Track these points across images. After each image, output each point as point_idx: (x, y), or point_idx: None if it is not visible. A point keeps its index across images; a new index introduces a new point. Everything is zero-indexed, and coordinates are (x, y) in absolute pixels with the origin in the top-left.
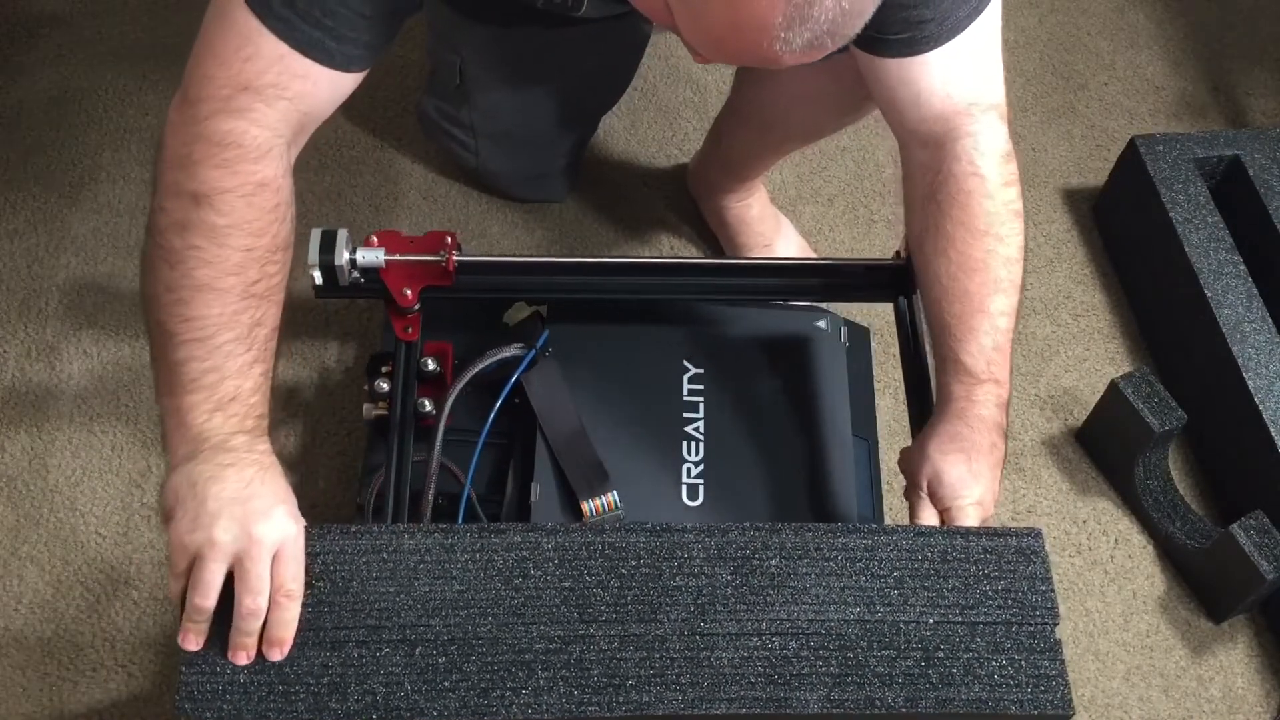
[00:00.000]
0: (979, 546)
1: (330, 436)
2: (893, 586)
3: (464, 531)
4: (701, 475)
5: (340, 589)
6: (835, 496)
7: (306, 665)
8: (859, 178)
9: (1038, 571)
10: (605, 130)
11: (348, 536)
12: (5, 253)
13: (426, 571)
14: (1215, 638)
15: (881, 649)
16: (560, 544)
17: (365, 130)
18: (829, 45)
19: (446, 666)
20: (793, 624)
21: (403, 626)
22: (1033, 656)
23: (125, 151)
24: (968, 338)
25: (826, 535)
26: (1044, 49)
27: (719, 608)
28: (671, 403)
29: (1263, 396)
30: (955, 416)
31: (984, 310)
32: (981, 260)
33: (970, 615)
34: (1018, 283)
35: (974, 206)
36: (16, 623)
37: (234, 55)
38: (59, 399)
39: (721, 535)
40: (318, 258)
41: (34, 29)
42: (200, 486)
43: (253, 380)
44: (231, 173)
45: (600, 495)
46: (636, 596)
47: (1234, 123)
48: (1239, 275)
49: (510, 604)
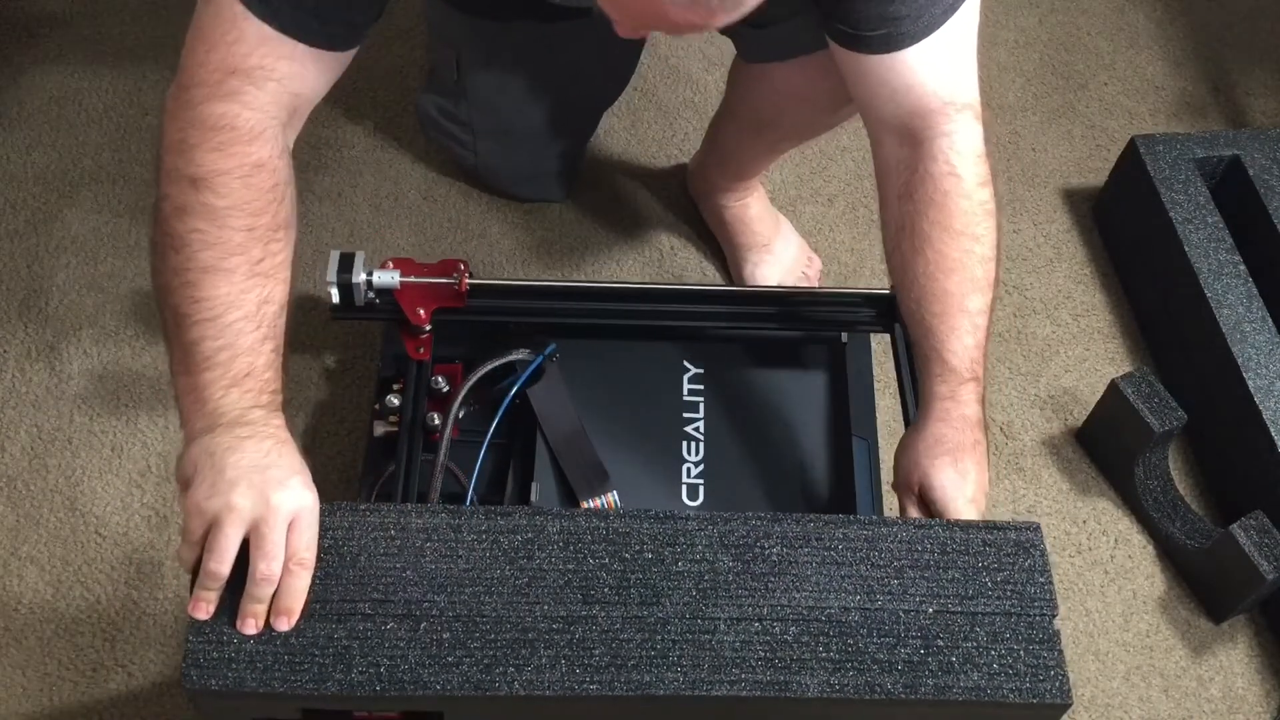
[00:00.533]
0: (978, 539)
1: (330, 437)
2: (893, 576)
3: (471, 513)
4: (701, 475)
5: (348, 563)
6: (835, 496)
7: (312, 636)
8: (859, 178)
9: (1036, 564)
10: (605, 130)
11: (356, 514)
12: (5, 253)
13: (433, 549)
14: (1215, 638)
15: (881, 636)
16: (565, 527)
17: (365, 130)
18: (715, 7)
19: (451, 642)
20: (793, 610)
21: (408, 601)
22: (1031, 646)
23: (125, 151)
24: (950, 337)
25: (827, 525)
26: (1044, 49)
27: (720, 593)
28: (671, 403)
29: (1263, 396)
30: (939, 418)
31: (964, 309)
32: (959, 260)
33: (969, 605)
34: (993, 280)
35: (951, 206)
36: (16, 623)
37: (220, 39)
38: (59, 399)
39: (724, 523)
40: (335, 276)
41: (34, 29)
42: (219, 456)
43: (265, 357)
44: (227, 155)
45: (600, 495)
46: (639, 580)
47: (1234, 123)
48: (1239, 275)
49: (515, 583)
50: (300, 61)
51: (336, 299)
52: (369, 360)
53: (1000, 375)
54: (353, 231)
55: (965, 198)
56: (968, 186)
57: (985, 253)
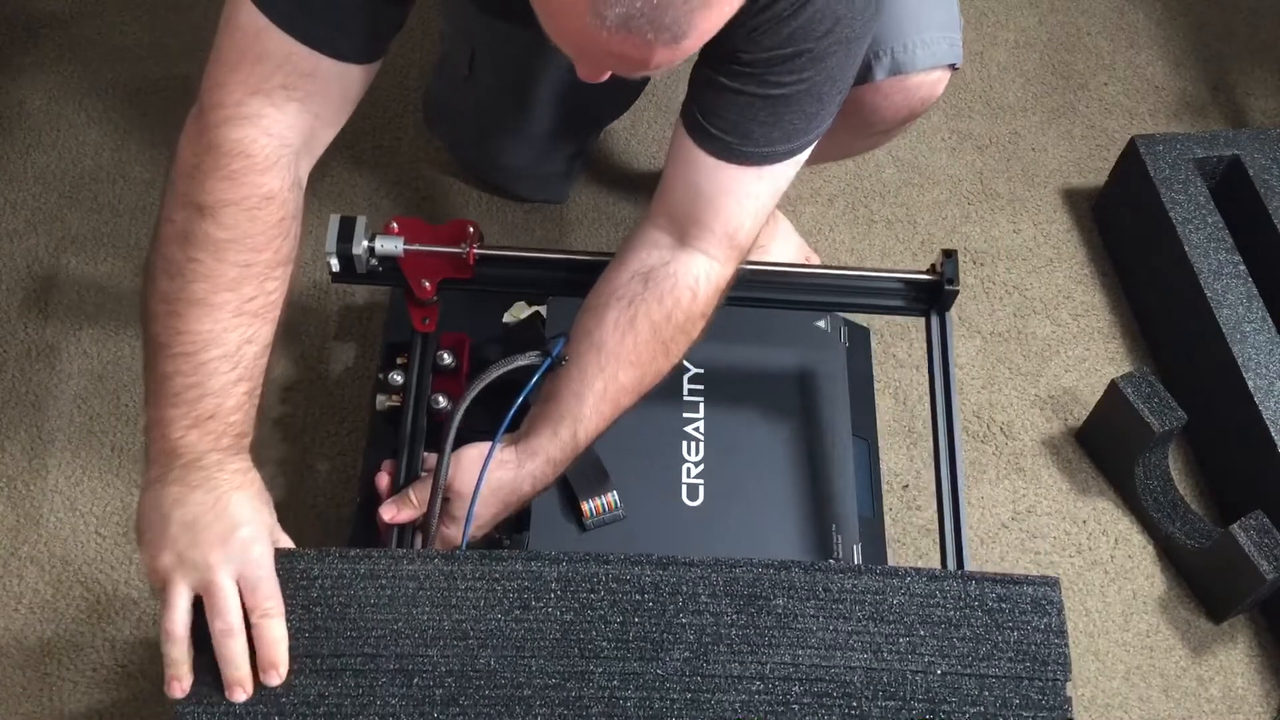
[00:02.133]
0: (993, 594)
1: (330, 437)
2: (902, 634)
3: (465, 559)
4: (701, 475)
5: (338, 614)
6: (835, 496)
7: (303, 693)
8: (859, 178)
9: (1052, 624)
10: (605, 130)
11: (346, 560)
12: (5, 253)
13: (426, 599)
14: (1215, 638)
15: (885, 699)
16: (563, 574)
17: (366, 130)
18: (648, 32)
19: (444, 699)
20: (796, 668)
21: (400, 656)
22: (1040, 714)
23: (125, 151)
24: (581, 415)
25: (836, 576)
26: (1044, 49)
27: (722, 647)
28: (671, 403)
29: (1263, 396)
30: (508, 465)
31: (616, 404)
32: (647, 360)
33: (980, 668)
34: (643, 393)
35: (675, 316)
36: (16, 623)
37: (241, 59)
38: (59, 399)
39: (728, 570)
40: (335, 245)
41: (34, 29)
42: (165, 509)
43: (235, 399)
44: (238, 184)
45: (600, 495)
46: (639, 633)
47: (1234, 123)
48: (1239, 275)
49: (510, 636)
50: (322, 79)
51: (336, 268)
52: (369, 360)
53: (1000, 375)
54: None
55: (686, 317)
56: (694, 310)
57: (662, 369)
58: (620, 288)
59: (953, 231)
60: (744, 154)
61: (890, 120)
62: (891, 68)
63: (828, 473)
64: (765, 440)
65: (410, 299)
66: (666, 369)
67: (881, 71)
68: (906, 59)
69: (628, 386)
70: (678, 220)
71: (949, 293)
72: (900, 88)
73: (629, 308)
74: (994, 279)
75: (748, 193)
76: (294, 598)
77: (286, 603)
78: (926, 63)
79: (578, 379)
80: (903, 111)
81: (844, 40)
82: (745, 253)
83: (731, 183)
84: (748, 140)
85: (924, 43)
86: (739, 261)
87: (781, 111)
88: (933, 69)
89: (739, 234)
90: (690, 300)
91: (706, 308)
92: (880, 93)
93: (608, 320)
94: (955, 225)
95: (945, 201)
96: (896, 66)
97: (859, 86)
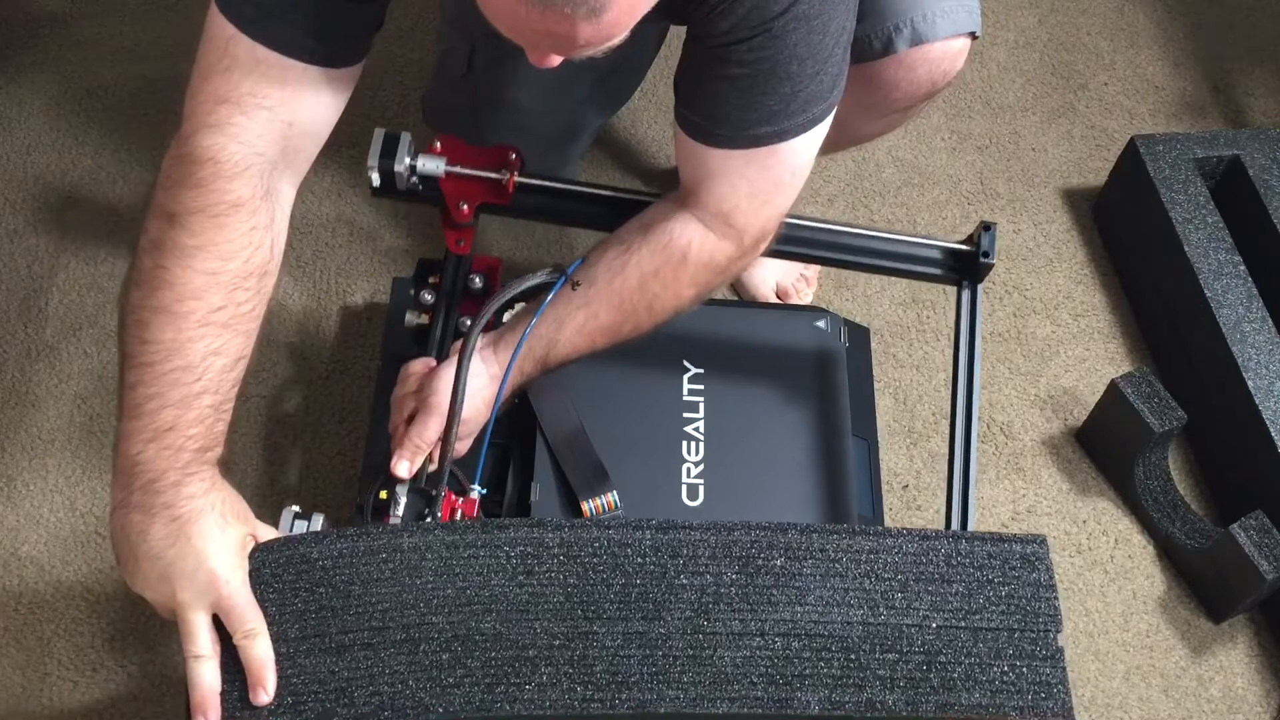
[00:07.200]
0: (983, 552)
1: (330, 436)
2: (897, 590)
3: (467, 528)
4: (701, 475)
5: (342, 593)
6: (835, 496)
7: (312, 673)
8: (859, 177)
9: (1041, 578)
10: (605, 130)
11: (345, 539)
12: (5, 253)
13: (430, 569)
14: (1215, 638)
15: (884, 652)
16: (565, 539)
17: (365, 130)
18: (565, 6)
19: (450, 663)
20: (796, 625)
21: (406, 625)
22: (1034, 663)
23: (125, 151)
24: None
25: (832, 536)
26: (1044, 49)
27: (723, 606)
28: (671, 403)
29: (1263, 396)
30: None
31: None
32: (628, 310)
33: (973, 620)
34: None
35: (662, 273)
36: (16, 623)
37: (213, 68)
38: (59, 399)
39: (727, 533)
40: (378, 161)
41: (34, 29)
42: (131, 541)
43: (196, 411)
44: (205, 191)
45: (600, 495)
46: (641, 594)
47: (1234, 123)
48: (1239, 275)
49: (514, 600)
50: (295, 86)
51: (377, 183)
52: (369, 359)
53: (1000, 375)
54: (352, 231)
55: (674, 278)
56: (681, 274)
57: (642, 324)
58: (625, 232)
59: (952, 232)
60: (720, 137)
61: (913, 95)
62: (912, 38)
63: (828, 473)
64: (765, 440)
65: (446, 220)
66: (647, 327)
67: (903, 43)
68: (927, 28)
69: (606, 327)
70: (683, 195)
71: (984, 265)
72: (923, 58)
73: (625, 252)
74: (994, 279)
75: (738, 175)
76: (295, 583)
77: (288, 589)
78: (948, 30)
79: (563, 304)
80: (925, 85)
81: (802, 17)
82: (746, 234)
83: (716, 166)
84: (724, 123)
85: (944, 11)
86: (741, 243)
87: (751, 93)
88: (954, 36)
89: (735, 214)
90: (679, 262)
91: (696, 275)
92: (904, 65)
93: (605, 258)
94: (955, 225)
95: (945, 201)
96: (918, 36)
97: (881, 60)
